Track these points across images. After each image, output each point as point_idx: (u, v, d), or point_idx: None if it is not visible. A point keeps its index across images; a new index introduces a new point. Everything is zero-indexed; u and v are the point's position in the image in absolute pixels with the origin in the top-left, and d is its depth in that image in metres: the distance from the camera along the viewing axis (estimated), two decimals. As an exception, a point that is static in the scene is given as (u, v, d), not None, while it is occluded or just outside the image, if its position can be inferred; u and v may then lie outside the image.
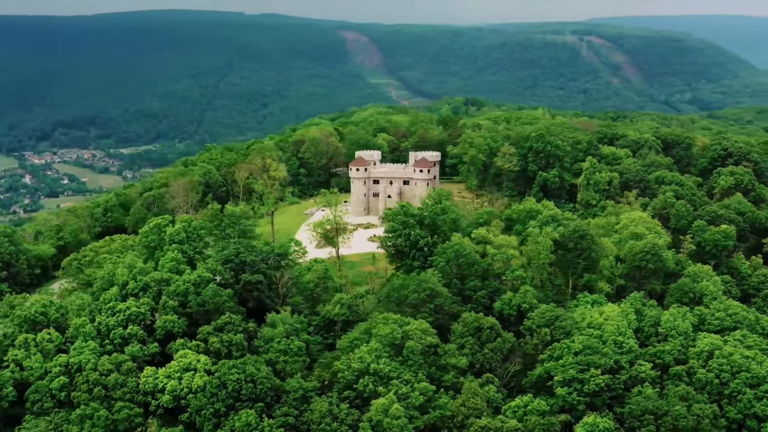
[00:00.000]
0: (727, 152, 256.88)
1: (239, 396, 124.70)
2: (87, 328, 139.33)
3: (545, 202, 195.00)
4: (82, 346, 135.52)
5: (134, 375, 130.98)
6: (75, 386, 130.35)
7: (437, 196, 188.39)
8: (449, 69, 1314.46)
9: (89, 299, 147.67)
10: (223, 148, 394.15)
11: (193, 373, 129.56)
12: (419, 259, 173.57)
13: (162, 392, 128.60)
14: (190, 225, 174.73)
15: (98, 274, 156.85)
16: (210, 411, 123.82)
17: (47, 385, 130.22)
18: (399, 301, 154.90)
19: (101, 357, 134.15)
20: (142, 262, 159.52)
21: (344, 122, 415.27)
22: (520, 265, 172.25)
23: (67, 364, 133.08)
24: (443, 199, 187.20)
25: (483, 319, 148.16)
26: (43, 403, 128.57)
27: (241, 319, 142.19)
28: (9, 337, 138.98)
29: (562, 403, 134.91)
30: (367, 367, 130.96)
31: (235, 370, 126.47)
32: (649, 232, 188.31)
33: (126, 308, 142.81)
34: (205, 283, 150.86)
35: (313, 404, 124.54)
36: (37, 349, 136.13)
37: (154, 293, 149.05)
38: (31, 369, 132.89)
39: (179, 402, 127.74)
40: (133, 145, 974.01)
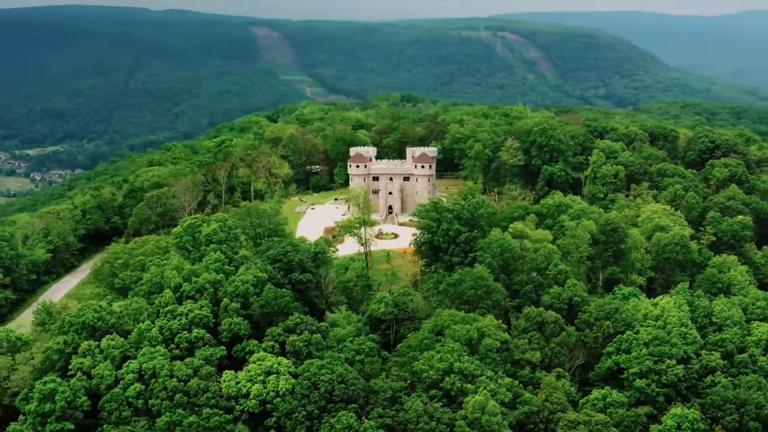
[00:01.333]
0: (714, 144, 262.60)
1: (332, 397, 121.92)
2: (152, 333, 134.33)
3: (571, 196, 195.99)
4: (152, 352, 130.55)
5: (214, 380, 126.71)
6: (152, 393, 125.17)
7: (467, 191, 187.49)
8: (365, 65, 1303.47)
9: (144, 303, 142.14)
10: (183, 147, 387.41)
11: (277, 375, 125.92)
12: (458, 255, 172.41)
13: (246, 397, 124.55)
14: (225, 224, 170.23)
15: (145, 277, 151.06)
16: (302, 414, 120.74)
17: (121, 392, 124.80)
18: (455, 298, 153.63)
19: (173, 362, 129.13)
20: (190, 264, 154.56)
21: (304, 120, 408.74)
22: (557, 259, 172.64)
23: (140, 370, 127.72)
24: (474, 193, 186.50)
25: (545, 313, 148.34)
26: (121, 411, 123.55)
27: (313, 319, 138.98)
28: (70, 344, 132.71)
29: (639, 395, 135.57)
30: (450, 366, 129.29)
31: (325, 370, 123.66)
32: (674, 224, 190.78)
33: (188, 311, 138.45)
34: (262, 284, 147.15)
35: (407, 404, 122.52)
36: (102, 356, 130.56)
37: (210, 295, 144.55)
38: (101, 377, 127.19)
39: (265, 406, 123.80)
40: (40, 146, 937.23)
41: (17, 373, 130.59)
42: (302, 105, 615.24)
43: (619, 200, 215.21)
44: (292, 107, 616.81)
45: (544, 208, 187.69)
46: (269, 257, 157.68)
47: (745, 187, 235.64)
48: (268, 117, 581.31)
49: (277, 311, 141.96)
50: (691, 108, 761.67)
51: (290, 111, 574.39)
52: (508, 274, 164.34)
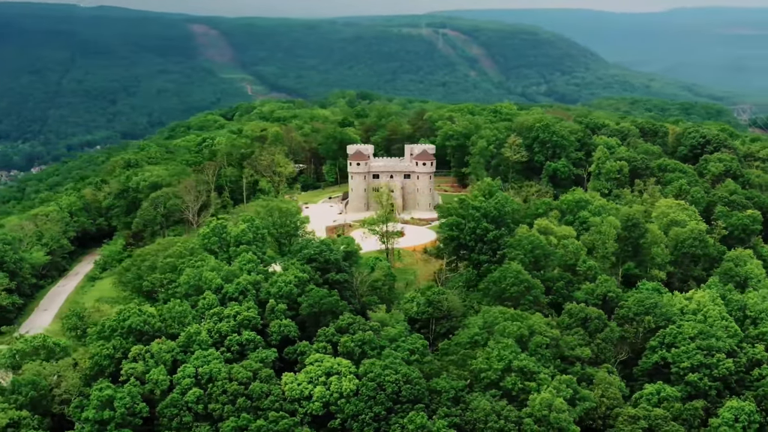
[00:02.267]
0: (705, 140, 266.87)
1: (398, 398, 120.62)
2: (202, 336, 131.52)
3: (591, 192, 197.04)
4: (205, 355, 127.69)
5: (274, 382, 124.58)
6: (210, 398, 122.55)
7: (487, 188, 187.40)
8: (306, 63, 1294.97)
9: (187, 306, 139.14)
10: (157, 147, 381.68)
11: (338, 376, 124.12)
12: (487, 253, 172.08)
13: (308, 399, 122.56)
14: (253, 224, 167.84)
15: (181, 279, 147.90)
16: (369, 416, 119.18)
17: (180, 397, 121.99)
18: (497, 295, 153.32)
19: (230, 365, 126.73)
20: (226, 265, 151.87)
21: (276, 118, 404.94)
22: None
23: (196, 374, 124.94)
24: (494, 190, 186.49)
25: (587, 309, 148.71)
26: (182, 417, 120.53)
27: (365, 319, 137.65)
28: (119, 349, 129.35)
29: (690, 389, 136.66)
30: (508, 364, 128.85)
31: (389, 371, 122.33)
32: (690, 219, 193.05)
33: (235, 313, 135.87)
34: (304, 284, 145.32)
35: (473, 403, 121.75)
36: (154, 361, 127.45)
37: (253, 296, 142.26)
38: (155, 382, 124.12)
39: (328, 408, 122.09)
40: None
41: (65, 380, 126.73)
42: (259, 103, 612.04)
43: (626, 196, 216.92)
44: (249, 105, 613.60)
45: (564, 204, 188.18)
46: (304, 257, 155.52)
47: (740, 182, 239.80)
48: (223, 115, 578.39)
49: (325, 311, 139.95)
50: (640, 104, 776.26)
51: (247, 109, 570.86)
52: (538, 270, 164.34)
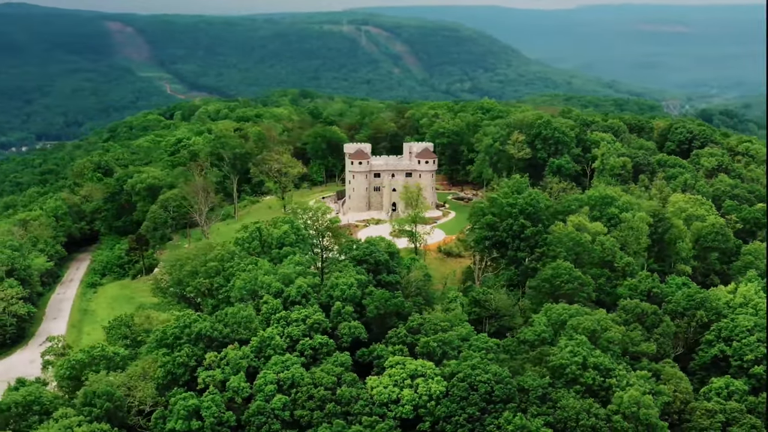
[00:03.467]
0: (692, 135, 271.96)
1: (491, 398, 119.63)
2: (277, 341, 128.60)
3: (614, 187, 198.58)
4: (283, 361, 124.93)
5: (360, 386, 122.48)
6: (296, 404, 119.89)
7: (516, 185, 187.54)
8: (226, 61, 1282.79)
9: (252, 311, 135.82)
10: (120, 147, 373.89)
11: (424, 378, 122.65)
12: (525, 250, 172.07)
13: (396, 403, 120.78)
14: (293, 226, 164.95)
15: (236, 283, 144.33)
16: (463, 417, 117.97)
17: (265, 405, 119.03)
18: (550, 292, 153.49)
19: (311, 370, 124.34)
20: (281, 268, 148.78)
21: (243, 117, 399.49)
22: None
23: (278, 380, 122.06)
24: (523, 186, 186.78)
25: (642, 304, 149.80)
26: (270, 425, 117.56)
27: (435, 320, 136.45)
28: (191, 356, 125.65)
29: (754, 382, 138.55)
30: (584, 360, 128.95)
31: (479, 370, 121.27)
32: (708, 213, 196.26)
33: (304, 317, 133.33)
34: (364, 286, 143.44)
35: (562, 401, 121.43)
36: (230, 368, 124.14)
37: (315, 299, 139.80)
38: (236, 390, 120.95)
39: (417, 411, 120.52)
40: None
41: (138, 390, 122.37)
42: (203, 102, 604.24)
43: (634, 191, 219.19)
44: (191, 105, 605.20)
45: (591, 200, 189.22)
46: (354, 258, 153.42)
47: (732, 176, 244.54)
48: (162, 115, 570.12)
49: (390, 313, 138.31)
50: (576, 101, 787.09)
51: (189, 109, 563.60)
52: (579, 267, 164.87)
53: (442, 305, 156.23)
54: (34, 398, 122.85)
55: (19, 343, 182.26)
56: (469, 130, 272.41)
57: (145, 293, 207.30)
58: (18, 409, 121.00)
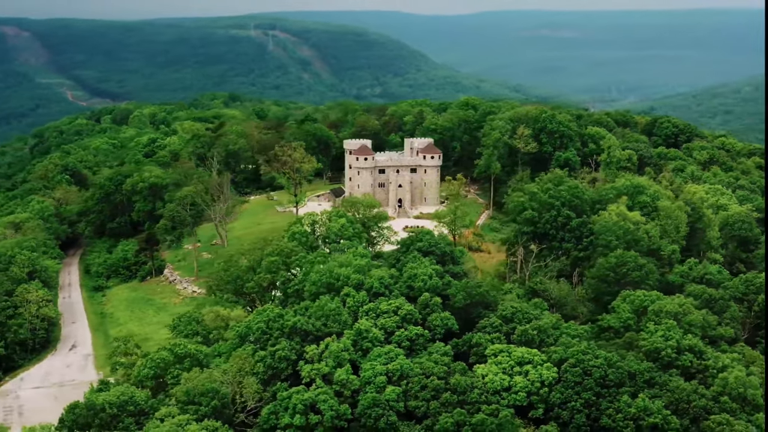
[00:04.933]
0: (678, 129, 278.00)
1: (605, 382, 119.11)
2: (374, 333, 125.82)
3: (642, 178, 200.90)
4: (386, 352, 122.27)
5: (471, 375, 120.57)
6: (408, 395, 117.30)
7: (556, 178, 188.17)
8: (128, 66, 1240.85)
9: (339, 303, 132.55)
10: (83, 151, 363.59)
11: (532, 365, 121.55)
12: (570, 241, 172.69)
13: (507, 390, 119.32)
14: (348, 220, 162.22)
15: (312, 277, 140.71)
16: (579, 402, 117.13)
17: (379, 397, 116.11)
18: (615, 281, 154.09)
19: (418, 361, 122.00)
20: (356, 260, 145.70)
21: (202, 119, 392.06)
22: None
23: (387, 372, 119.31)
24: (563, 179, 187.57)
25: (709, 290, 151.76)
26: (388, 417, 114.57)
27: (525, 308, 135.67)
28: (292, 350, 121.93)
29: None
30: (678, 345, 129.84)
31: (589, 356, 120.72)
32: (730, 203, 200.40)
33: (395, 308, 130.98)
34: (442, 276, 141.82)
35: (672, 383, 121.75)
36: (332, 360, 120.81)
37: (399, 291, 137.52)
38: (343, 383, 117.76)
39: (530, 398, 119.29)
40: None
41: (244, 386, 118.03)
42: (139, 106, 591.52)
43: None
44: (124, 107, 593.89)
45: (623, 189, 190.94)
46: (420, 249, 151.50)
47: (723, 169, 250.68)
48: (89, 119, 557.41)
49: (476, 302, 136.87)
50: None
51: (123, 112, 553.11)
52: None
53: (501, 296, 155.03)
54: (128, 398, 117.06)
55: (47, 348, 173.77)
56: (460, 126, 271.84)
57: (162, 294, 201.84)
58: (113, 410, 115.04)
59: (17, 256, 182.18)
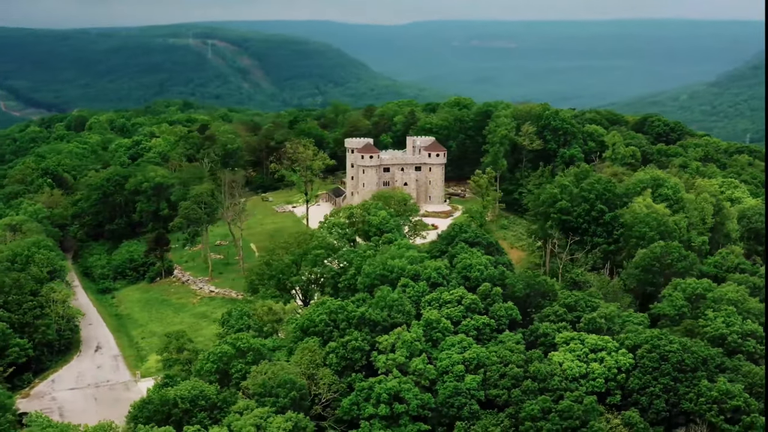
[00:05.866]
0: (669, 127, 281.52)
1: (681, 367, 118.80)
2: (444, 323, 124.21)
3: (660, 171, 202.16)
4: (459, 341, 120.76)
5: (549, 363, 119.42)
6: (487, 383, 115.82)
7: (582, 172, 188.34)
8: (62, 76, 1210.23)
9: (401, 294, 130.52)
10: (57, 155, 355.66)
11: (606, 352, 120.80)
12: (602, 235, 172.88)
13: (584, 377, 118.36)
14: (387, 212, 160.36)
15: (365, 269, 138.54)
16: (658, 387, 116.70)
17: (460, 385, 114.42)
18: (659, 271, 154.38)
19: (493, 349, 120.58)
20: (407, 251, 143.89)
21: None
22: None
23: (463, 360, 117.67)
24: (588, 173, 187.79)
25: (751, 278, 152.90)
26: (470, 406, 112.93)
27: (587, 297, 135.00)
28: (363, 340, 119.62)
29: None
30: (741, 330, 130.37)
31: (664, 341, 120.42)
32: (744, 196, 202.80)
33: (459, 298, 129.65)
34: (495, 266, 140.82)
35: (745, 368, 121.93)
36: (407, 350, 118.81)
37: (456, 281, 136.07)
38: (419, 373, 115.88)
39: (607, 384, 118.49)
40: None
41: (319, 378, 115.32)
42: (87, 113, 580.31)
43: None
44: (78, 116, 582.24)
45: (647, 182, 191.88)
46: (466, 240, 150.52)
47: (718, 165, 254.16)
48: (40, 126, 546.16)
49: (535, 292, 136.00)
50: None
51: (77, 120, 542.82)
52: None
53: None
54: (198, 393, 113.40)
55: (71, 349, 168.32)
56: (455, 125, 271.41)
57: (178, 295, 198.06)
58: (185, 404, 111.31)
59: (35, 255, 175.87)
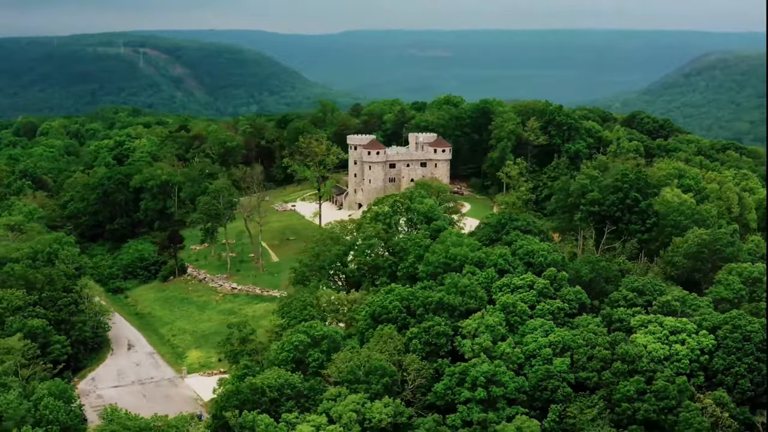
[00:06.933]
0: (658, 124, 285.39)
1: (764, 347, 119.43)
2: (521, 307, 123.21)
3: (678, 163, 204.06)
4: (540, 325, 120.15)
5: (634, 345, 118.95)
6: (577, 366, 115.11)
7: (602, 164, 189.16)
8: None
9: (471, 279, 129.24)
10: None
11: (686, 334, 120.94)
12: (637, 223, 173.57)
13: (668, 359, 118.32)
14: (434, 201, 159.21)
15: (428, 257, 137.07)
16: (743, 368, 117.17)
17: (549, 368, 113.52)
18: (707, 258, 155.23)
19: (572, 332, 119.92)
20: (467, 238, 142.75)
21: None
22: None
23: (549, 343, 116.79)
24: (609, 165, 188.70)
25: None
26: (563, 388, 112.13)
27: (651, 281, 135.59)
28: (446, 325, 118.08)
29: None
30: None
31: (744, 321, 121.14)
32: (757, 186, 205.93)
33: (530, 283, 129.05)
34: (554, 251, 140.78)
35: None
36: (489, 335, 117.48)
37: (522, 267, 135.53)
38: (507, 355, 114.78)
39: (692, 365, 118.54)
40: None
41: (407, 364, 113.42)
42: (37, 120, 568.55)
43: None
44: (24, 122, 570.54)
45: (672, 173, 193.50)
46: (519, 228, 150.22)
47: (710, 160, 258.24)
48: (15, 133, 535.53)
49: (600, 277, 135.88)
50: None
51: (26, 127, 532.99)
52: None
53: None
54: (284, 381, 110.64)
55: (103, 348, 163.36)
56: (450, 122, 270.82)
57: (198, 293, 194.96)
58: (273, 393, 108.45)
59: (59, 252, 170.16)
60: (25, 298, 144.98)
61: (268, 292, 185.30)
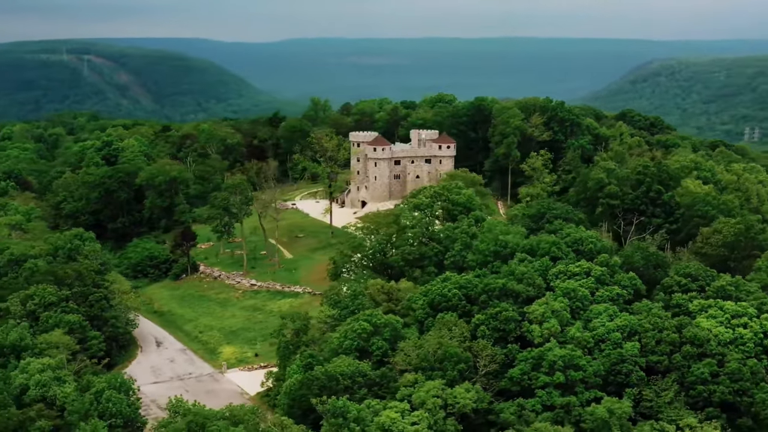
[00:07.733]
0: (649, 122, 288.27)
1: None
2: (582, 292, 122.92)
3: (695, 155, 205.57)
4: (605, 309, 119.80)
5: (701, 328, 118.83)
6: (646, 349, 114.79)
7: (617, 156, 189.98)
8: None
9: (529, 267, 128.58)
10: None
11: (747, 318, 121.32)
12: (660, 216, 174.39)
13: (732, 343, 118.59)
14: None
15: (479, 246, 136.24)
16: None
17: (622, 351, 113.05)
18: (739, 246, 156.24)
19: (637, 317, 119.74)
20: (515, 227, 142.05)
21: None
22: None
23: (617, 328, 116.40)
24: (626, 157, 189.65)
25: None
26: (636, 373, 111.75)
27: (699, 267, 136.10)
28: (514, 310, 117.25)
29: None
30: None
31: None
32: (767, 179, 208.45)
33: (587, 269, 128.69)
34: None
35: None
36: (556, 318, 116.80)
37: (572, 255, 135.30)
38: (578, 340, 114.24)
39: (756, 348, 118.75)
40: None
41: (479, 350, 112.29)
42: (5, 125, 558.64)
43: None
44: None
45: (690, 165, 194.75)
46: (559, 217, 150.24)
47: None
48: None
49: (650, 263, 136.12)
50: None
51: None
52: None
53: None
54: (355, 369, 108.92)
55: (131, 345, 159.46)
56: (447, 120, 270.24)
57: (216, 290, 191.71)
58: (346, 380, 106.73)
59: (80, 248, 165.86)
60: (57, 293, 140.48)
61: (290, 288, 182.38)
